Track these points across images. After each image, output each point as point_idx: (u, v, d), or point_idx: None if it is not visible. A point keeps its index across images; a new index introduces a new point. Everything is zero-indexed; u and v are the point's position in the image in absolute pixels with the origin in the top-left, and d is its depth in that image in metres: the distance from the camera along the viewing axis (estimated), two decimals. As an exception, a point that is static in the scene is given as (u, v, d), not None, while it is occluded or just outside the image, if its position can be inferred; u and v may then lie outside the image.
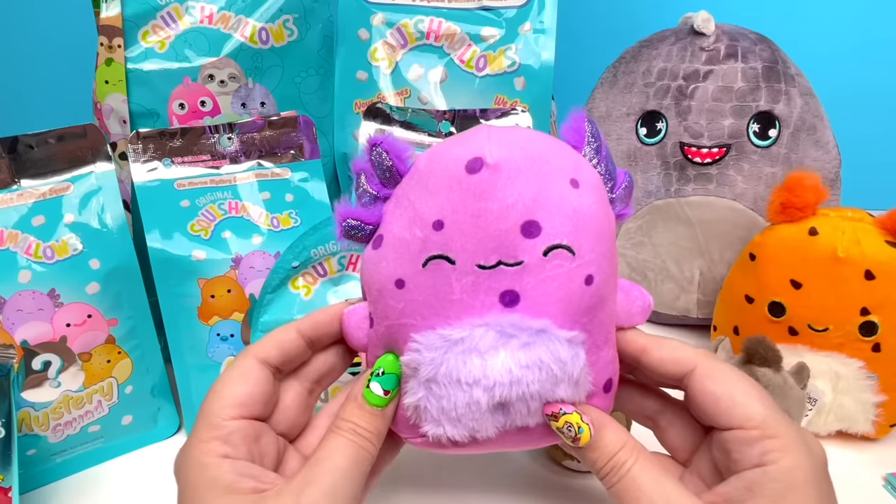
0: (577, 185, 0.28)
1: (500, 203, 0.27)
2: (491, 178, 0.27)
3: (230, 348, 0.46)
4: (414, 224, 0.28)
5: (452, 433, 0.28)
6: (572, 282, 0.27)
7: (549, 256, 0.27)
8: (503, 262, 0.27)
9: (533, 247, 0.27)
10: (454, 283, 0.27)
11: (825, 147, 0.54)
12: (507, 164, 0.27)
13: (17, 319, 0.40)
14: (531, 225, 0.27)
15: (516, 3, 0.55)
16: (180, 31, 0.51)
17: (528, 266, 0.27)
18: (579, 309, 0.28)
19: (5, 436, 0.34)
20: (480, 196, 0.27)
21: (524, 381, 0.27)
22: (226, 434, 0.27)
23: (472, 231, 0.27)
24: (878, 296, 0.41)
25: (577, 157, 0.29)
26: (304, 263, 0.43)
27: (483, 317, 0.27)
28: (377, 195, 0.30)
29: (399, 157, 0.29)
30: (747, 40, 0.54)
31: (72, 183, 0.43)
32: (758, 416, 0.27)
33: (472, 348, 0.27)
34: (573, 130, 0.30)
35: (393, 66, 0.56)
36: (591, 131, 0.30)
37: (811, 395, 0.43)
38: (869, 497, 0.41)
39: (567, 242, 0.27)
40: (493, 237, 0.27)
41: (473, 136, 0.28)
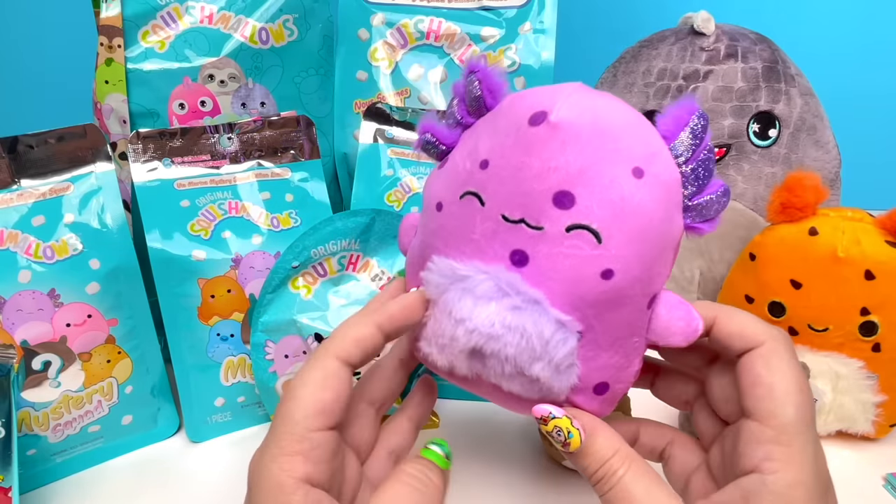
0: (640, 174, 0.26)
1: (544, 163, 0.26)
2: (546, 134, 0.26)
3: (230, 348, 0.46)
4: (469, 156, 0.28)
5: (436, 358, 0.29)
6: (586, 268, 0.26)
7: (572, 234, 0.26)
8: (526, 221, 0.26)
9: (559, 217, 0.26)
10: (477, 224, 0.27)
11: (825, 147, 0.54)
12: (569, 126, 0.26)
13: (17, 319, 0.40)
14: (565, 196, 0.26)
15: (516, 3, 0.55)
16: (180, 31, 0.51)
17: (546, 234, 0.26)
18: (585, 299, 0.26)
19: (5, 436, 0.34)
20: (528, 149, 0.26)
21: (502, 341, 0.26)
22: (309, 449, 0.25)
23: (508, 180, 0.26)
24: (878, 296, 0.41)
25: (656, 147, 0.27)
26: (304, 263, 0.43)
27: (489, 265, 0.27)
28: (460, 121, 0.30)
29: (491, 90, 0.29)
30: (747, 40, 0.54)
31: (72, 183, 0.43)
32: (782, 417, 0.25)
33: (469, 289, 0.27)
34: (672, 119, 0.27)
35: (393, 66, 0.56)
36: (693, 126, 0.27)
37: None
38: (869, 497, 0.41)
39: (596, 227, 0.26)
40: (525, 194, 0.26)
41: (558, 89, 0.27)
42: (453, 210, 0.28)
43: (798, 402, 0.25)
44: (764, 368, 0.26)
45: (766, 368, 0.26)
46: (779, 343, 0.27)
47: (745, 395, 0.27)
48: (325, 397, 0.26)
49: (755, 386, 0.26)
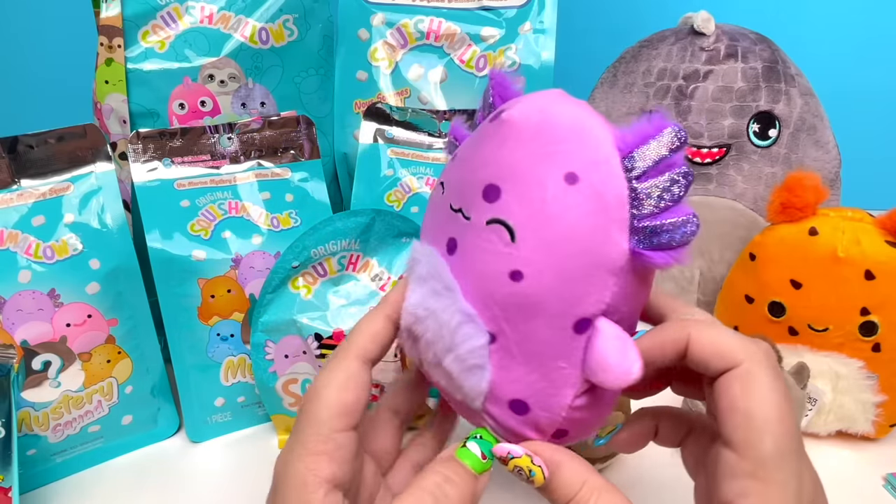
0: (573, 180, 0.24)
1: (483, 157, 0.27)
2: (493, 130, 0.27)
3: (230, 348, 0.46)
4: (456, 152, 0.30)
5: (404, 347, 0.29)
6: (497, 265, 0.25)
7: (490, 228, 0.25)
8: (462, 210, 0.27)
9: (483, 210, 0.26)
10: (440, 210, 0.28)
11: (825, 147, 0.54)
12: (515, 124, 0.26)
13: (17, 319, 0.40)
14: (492, 189, 0.26)
15: (516, 3, 0.55)
16: (180, 31, 0.51)
17: (472, 225, 0.26)
18: (494, 297, 0.25)
19: (5, 436, 0.34)
20: (478, 143, 0.27)
21: (423, 324, 0.27)
22: (333, 449, 0.25)
23: (459, 171, 0.28)
24: (878, 296, 0.41)
25: (603, 156, 0.25)
26: (304, 263, 0.43)
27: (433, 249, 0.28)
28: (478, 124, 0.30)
29: (502, 96, 0.29)
30: (747, 40, 0.54)
31: (72, 183, 0.43)
32: (758, 450, 0.23)
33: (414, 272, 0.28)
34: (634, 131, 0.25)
35: (393, 65, 0.56)
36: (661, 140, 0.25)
37: (811, 395, 0.43)
38: (869, 497, 0.41)
39: (511, 223, 0.25)
40: (466, 184, 0.27)
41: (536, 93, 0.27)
42: (434, 197, 0.30)
43: (778, 433, 0.23)
44: (740, 393, 0.24)
45: (742, 393, 0.24)
46: (757, 363, 0.24)
47: (721, 422, 0.24)
48: (348, 398, 0.26)
49: (731, 412, 0.24)
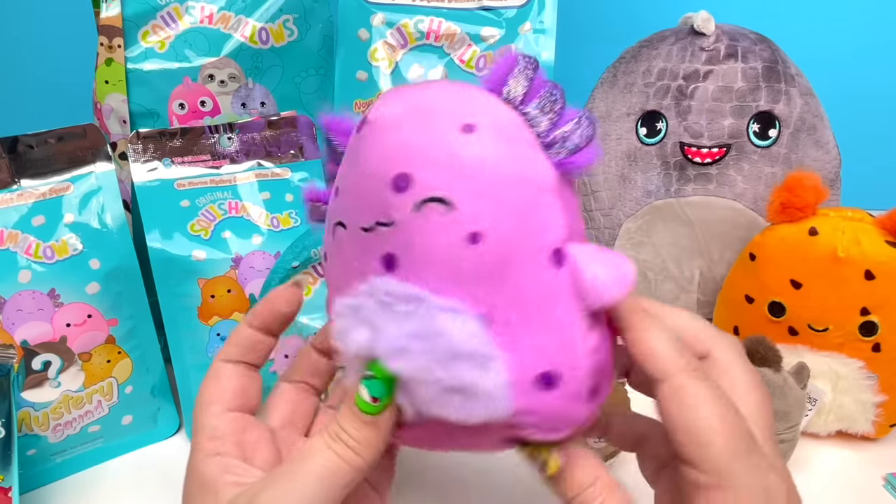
0: (471, 129, 0.24)
1: (374, 159, 0.25)
2: (368, 134, 0.25)
3: (230, 348, 0.46)
4: (330, 196, 0.28)
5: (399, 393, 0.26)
6: (448, 239, 0.23)
7: (421, 211, 0.23)
8: (379, 221, 0.25)
9: (402, 202, 0.24)
10: (349, 249, 0.26)
11: (825, 147, 0.54)
12: (385, 118, 0.25)
13: (17, 319, 0.40)
14: (400, 178, 0.24)
15: (516, 3, 0.55)
16: (180, 31, 0.51)
17: (398, 224, 0.24)
18: (463, 273, 0.24)
19: (5, 436, 0.34)
20: (356, 154, 0.26)
21: (413, 353, 0.23)
22: (211, 430, 0.28)
23: (353, 192, 0.26)
24: (878, 296, 0.41)
25: (483, 101, 0.25)
26: (304, 263, 0.43)
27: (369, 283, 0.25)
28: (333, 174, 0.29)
29: (342, 132, 0.28)
30: (747, 40, 0.54)
31: (72, 183, 0.43)
32: (713, 461, 0.23)
33: (364, 319, 0.25)
34: (493, 72, 0.26)
35: (393, 66, 0.56)
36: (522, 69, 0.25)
37: (811, 395, 0.43)
38: (869, 497, 0.41)
39: (441, 195, 0.23)
40: (369, 196, 0.25)
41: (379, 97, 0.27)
42: (332, 250, 0.27)
43: (725, 440, 0.23)
44: (677, 410, 0.24)
45: (679, 409, 0.24)
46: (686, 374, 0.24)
47: (670, 439, 0.24)
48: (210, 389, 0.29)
49: (675, 431, 0.24)
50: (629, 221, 0.56)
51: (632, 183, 0.56)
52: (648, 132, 0.55)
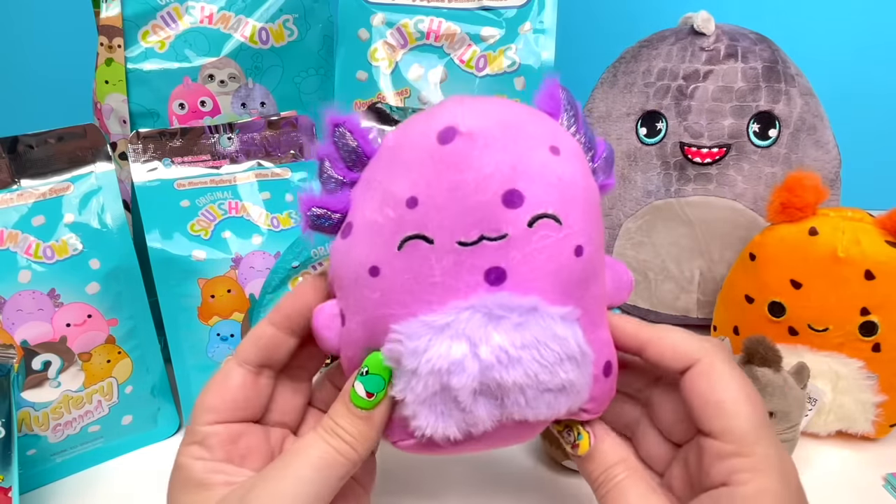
0: (557, 152, 0.26)
1: (478, 173, 0.25)
2: (465, 147, 0.25)
3: (230, 348, 0.45)
4: (385, 205, 0.26)
5: (444, 429, 0.26)
6: (562, 253, 0.26)
7: (535, 227, 0.25)
8: (485, 236, 0.25)
9: (516, 217, 0.25)
10: (434, 265, 0.25)
11: (825, 147, 0.54)
12: (482, 131, 0.25)
13: (17, 319, 0.40)
14: (513, 194, 0.25)
15: (516, 3, 0.55)
16: (180, 31, 0.51)
17: (512, 239, 0.25)
18: (570, 282, 0.26)
19: (5, 436, 0.34)
20: (455, 167, 0.25)
21: (523, 363, 0.25)
22: (202, 438, 0.28)
23: (449, 205, 0.25)
24: (878, 296, 0.41)
25: (554, 125, 0.28)
26: (304, 263, 0.43)
27: (468, 298, 0.25)
28: (343, 180, 0.28)
29: (364, 137, 0.28)
30: (747, 40, 0.54)
31: (72, 183, 0.43)
32: (738, 431, 0.26)
33: (459, 333, 0.24)
34: (548, 98, 0.28)
35: (393, 66, 0.56)
36: (566, 99, 0.29)
37: (811, 395, 0.43)
38: (869, 497, 0.41)
39: (553, 211, 0.25)
40: (473, 210, 0.25)
41: (444, 106, 0.26)
42: (396, 266, 0.26)
43: (748, 412, 0.26)
44: (707, 387, 0.27)
45: (708, 386, 0.27)
46: (714, 357, 0.27)
47: (697, 417, 0.27)
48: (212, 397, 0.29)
49: (705, 406, 0.27)
50: (629, 221, 0.56)
51: (632, 183, 0.56)
52: (648, 132, 0.55)
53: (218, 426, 0.28)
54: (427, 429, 0.26)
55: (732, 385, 0.27)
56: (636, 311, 0.58)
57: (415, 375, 0.25)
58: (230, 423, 0.29)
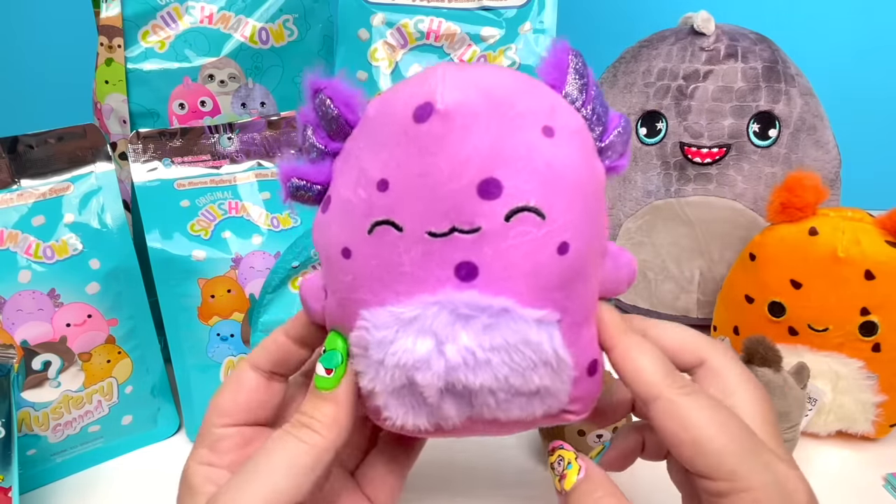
0: (551, 133, 0.24)
1: (452, 158, 0.22)
2: (441, 127, 0.22)
3: (230, 348, 0.46)
4: (359, 184, 0.24)
5: (414, 421, 0.25)
6: (541, 251, 0.23)
7: (513, 221, 0.23)
8: (457, 228, 0.23)
9: (492, 210, 0.23)
10: (403, 254, 0.23)
11: (825, 147, 0.54)
12: (462, 109, 0.23)
13: (17, 319, 0.40)
14: (490, 183, 0.22)
15: (516, 3, 0.55)
16: (180, 31, 0.51)
17: (486, 233, 0.23)
18: (551, 283, 0.24)
19: (5, 436, 0.34)
20: (428, 150, 0.23)
21: (491, 367, 0.23)
22: (213, 442, 0.28)
23: (420, 192, 0.23)
24: (878, 296, 0.41)
25: (554, 100, 0.25)
26: (304, 263, 0.43)
27: (436, 293, 0.23)
28: (325, 150, 0.26)
29: (347, 104, 0.25)
30: (747, 40, 0.54)
31: (72, 183, 0.43)
32: (726, 467, 0.23)
33: (425, 329, 0.23)
34: (553, 66, 0.25)
35: (393, 66, 0.56)
36: (575, 66, 0.25)
37: (811, 395, 0.43)
38: (869, 497, 0.41)
39: (534, 204, 0.23)
40: (445, 199, 0.23)
41: (427, 76, 0.24)
42: (366, 250, 0.24)
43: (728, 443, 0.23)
44: (678, 427, 0.24)
45: (680, 426, 0.24)
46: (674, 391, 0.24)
47: (676, 455, 0.25)
48: (225, 400, 0.29)
49: (680, 447, 0.24)
50: (629, 221, 0.56)
51: (632, 183, 0.56)
52: (648, 132, 0.55)
53: (230, 429, 0.28)
54: (397, 420, 0.25)
55: (703, 419, 0.24)
56: (636, 311, 0.58)
57: (382, 366, 0.24)
58: (242, 427, 0.29)
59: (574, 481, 0.26)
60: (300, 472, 0.25)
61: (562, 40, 0.25)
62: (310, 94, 0.26)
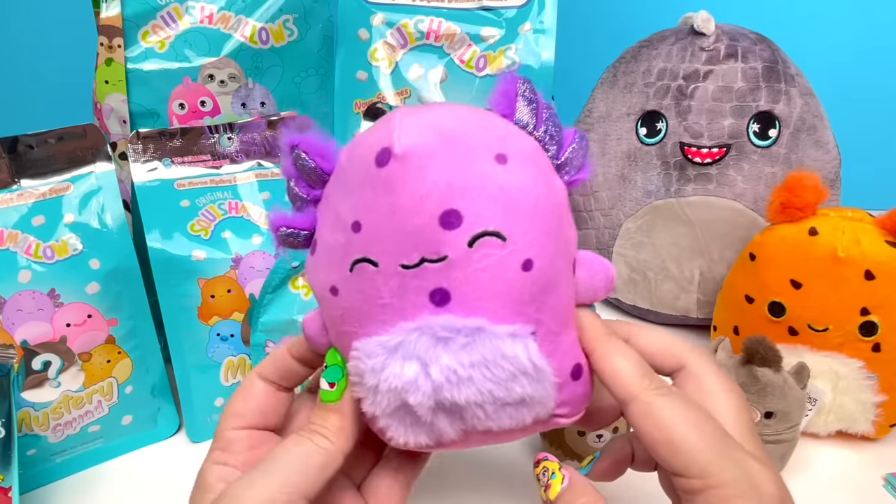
0: (504, 160, 0.26)
1: (412, 195, 0.24)
2: (400, 169, 0.25)
3: (230, 348, 0.46)
4: (336, 228, 0.27)
5: (416, 439, 0.27)
6: (507, 270, 0.25)
7: (476, 246, 0.25)
8: (426, 258, 0.25)
9: (455, 239, 0.24)
10: (381, 287, 0.25)
11: (825, 147, 0.54)
12: (417, 150, 0.25)
13: (17, 319, 0.40)
14: (450, 214, 0.24)
15: (516, 3, 0.55)
16: (180, 31, 0.51)
17: (453, 261, 0.25)
18: (521, 298, 0.25)
19: (5, 436, 0.34)
20: (391, 190, 0.25)
21: (474, 382, 0.25)
22: (225, 443, 0.30)
23: (388, 230, 0.25)
24: (878, 296, 0.41)
25: (504, 128, 0.27)
26: (303, 263, 0.43)
27: (415, 319, 0.25)
28: (307, 198, 0.29)
29: (322, 154, 0.28)
30: (747, 40, 0.54)
31: (72, 183, 0.43)
32: (698, 465, 0.24)
33: (410, 354, 0.25)
34: (502, 96, 0.27)
35: (393, 65, 0.56)
36: (523, 93, 0.27)
37: (811, 395, 0.43)
38: (869, 497, 0.41)
39: (494, 228, 0.25)
40: (412, 233, 0.25)
41: (385, 122, 0.26)
42: (349, 287, 0.26)
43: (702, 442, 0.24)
44: (653, 427, 0.25)
45: (655, 426, 0.25)
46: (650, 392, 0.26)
47: (653, 455, 0.26)
48: (236, 404, 0.31)
49: (655, 446, 0.25)
50: (629, 221, 0.56)
51: (632, 183, 0.56)
52: (648, 132, 0.55)
53: (241, 431, 0.30)
54: (400, 439, 0.27)
55: (678, 419, 0.25)
56: (636, 311, 0.58)
57: (377, 392, 0.26)
58: (253, 430, 0.30)
59: (558, 490, 0.27)
60: (312, 469, 0.27)
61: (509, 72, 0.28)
62: (287, 150, 0.28)
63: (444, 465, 0.42)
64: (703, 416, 0.25)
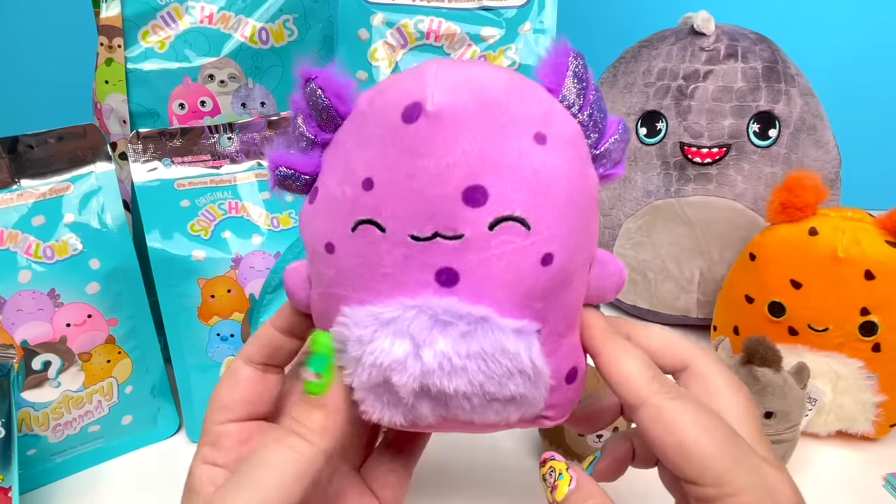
0: (543, 140, 0.23)
1: (439, 161, 0.22)
2: (429, 129, 0.22)
3: (230, 348, 0.46)
4: (345, 180, 0.24)
5: (390, 417, 0.25)
6: (524, 262, 0.23)
7: (497, 230, 0.22)
8: (440, 233, 0.23)
9: (476, 218, 0.22)
10: (384, 255, 0.23)
11: (825, 147, 0.54)
12: (452, 111, 0.22)
13: (17, 319, 0.40)
14: (475, 190, 0.22)
15: (516, 3, 0.55)
16: (180, 31, 0.51)
17: (469, 241, 0.22)
18: (532, 294, 0.23)
19: (5, 436, 0.34)
20: (415, 152, 0.22)
21: (467, 373, 0.23)
22: (214, 439, 0.28)
23: (404, 194, 0.23)
24: (878, 296, 0.41)
25: (549, 104, 0.24)
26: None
27: (416, 296, 0.23)
28: (315, 140, 0.26)
29: (338, 94, 0.25)
30: (747, 40, 0.54)
31: (72, 183, 0.43)
32: (712, 472, 0.23)
33: (403, 331, 0.23)
34: (551, 69, 0.25)
35: (393, 66, 0.56)
36: (574, 69, 0.24)
37: (811, 395, 0.43)
38: (869, 497, 0.41)
39: (520, 214, 0.22)
40: (429, 203, 0.22)
41: (420, 73, 0.23)
42: (349, 247, 0.24)
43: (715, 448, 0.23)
44: (664, 432, 0.24)
45: (666, 431, 0.24)
46: (660, 396, 0.24)
47: (664, 461, 0.25)
48: (223, 395, 0.28)
49: (666, 452, 0.24)
50: (629, 221, 0.56)
51: (632, 183, 0.56)
52: (648, 132, 0.55)
53: (230, 425, 0.28)
54: (374, 415, 0.25)
55: (689, 424, 0.24)
56: (636, 311, 0.58)
57: (359, 363, 0.24)
58: (242, 422, 0.28)
59: (566, 492, 0.26)
60: (289, 481, 0.25)
61: (563, 41, 0.25)
62: (301, 83, 0.26)
63: (445, 464, 0.42)
64: (716, 420, 0.24)
